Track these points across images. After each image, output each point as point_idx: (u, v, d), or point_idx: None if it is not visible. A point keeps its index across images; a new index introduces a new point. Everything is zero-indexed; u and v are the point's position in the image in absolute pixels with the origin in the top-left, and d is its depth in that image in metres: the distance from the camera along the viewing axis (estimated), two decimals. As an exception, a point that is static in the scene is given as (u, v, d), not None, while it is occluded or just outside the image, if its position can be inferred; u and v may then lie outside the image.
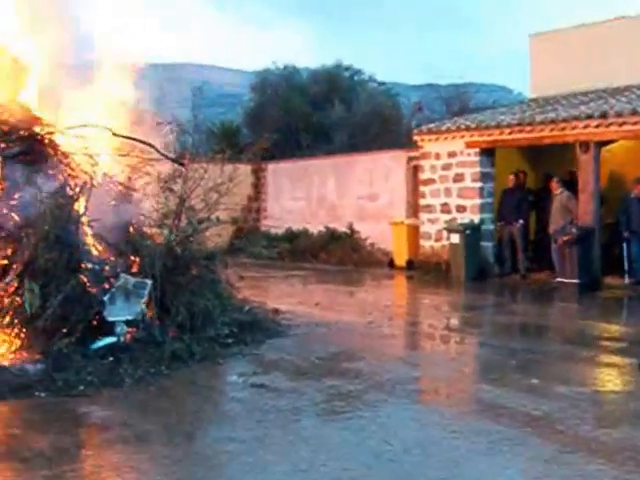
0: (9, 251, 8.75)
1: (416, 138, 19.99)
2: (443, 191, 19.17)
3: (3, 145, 9.22)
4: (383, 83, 33.74)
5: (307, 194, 24.71)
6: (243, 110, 32.43)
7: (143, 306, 9.24)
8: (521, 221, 17.89)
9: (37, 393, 7.62)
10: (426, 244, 19.61)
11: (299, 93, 30.41)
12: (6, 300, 8.58)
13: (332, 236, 23.15)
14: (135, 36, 11.12)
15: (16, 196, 9.12)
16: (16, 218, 8.90)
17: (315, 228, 23.74)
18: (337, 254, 22.20)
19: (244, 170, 22.26)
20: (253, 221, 25.90)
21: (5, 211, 8.98)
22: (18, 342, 8.53)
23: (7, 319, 8.54)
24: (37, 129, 9.91)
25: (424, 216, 19.72)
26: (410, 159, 21.13)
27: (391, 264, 20.68)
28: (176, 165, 10.76)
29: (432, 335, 11.61)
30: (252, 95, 32.58)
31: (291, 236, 24.09)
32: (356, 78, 32.96)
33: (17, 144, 9.43)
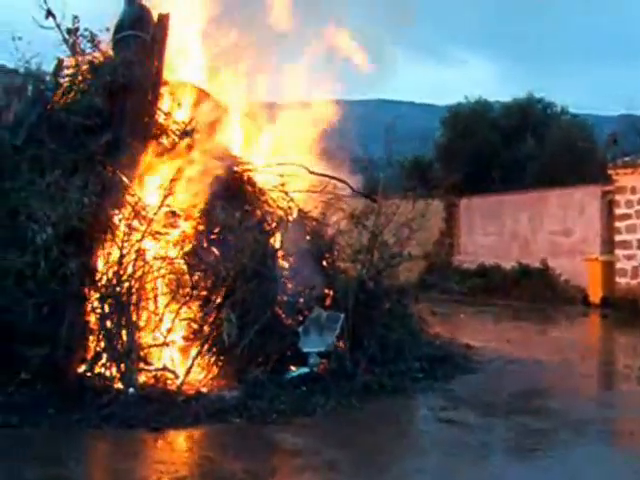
0: (209, 283, 9.18)
1: (611, 172, 19.40)
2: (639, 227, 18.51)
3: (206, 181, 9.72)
4: (576, 115, 32.85)
5: (499, 229, 24.41)
6: (434, 145, 32.46)
7: (335, 338, 9.46)
8: None
9: (232, 419, 7.93)
10: (622, 281, 18.92)
11: (490, 127, 30.13)
12: (206, 329, 9.00)
13: (524, 272, 22.67)
14: (329, 73, 11.46)
15: (216, 231, 9.61)
16: (216, 252, 9.36)
17: (507, 264, 23.35)
18: (529, 290, 21.71)
19: (436, 205, 22.28)
20: (445, 256, 25.79)
21: (206, 245, 9.47)
22: (215, 370, 8.95)
23: (206, 347, 8.95)
24: (235, 167, 10.39)
25: (620, 252, 19.06)
26: (605, 193, 20.50)
27: (585, 301, 20.04)
28: (369, 201, 10.98)
29: (628, 376, 11.16)
30: (443, 130, 32.57)
31: (483, 272, 23.80)
32: (548, 111, 32.28)
33: (217, 182, 9.89)
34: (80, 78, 10.65)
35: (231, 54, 11.17)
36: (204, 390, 8.58)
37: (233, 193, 9.99)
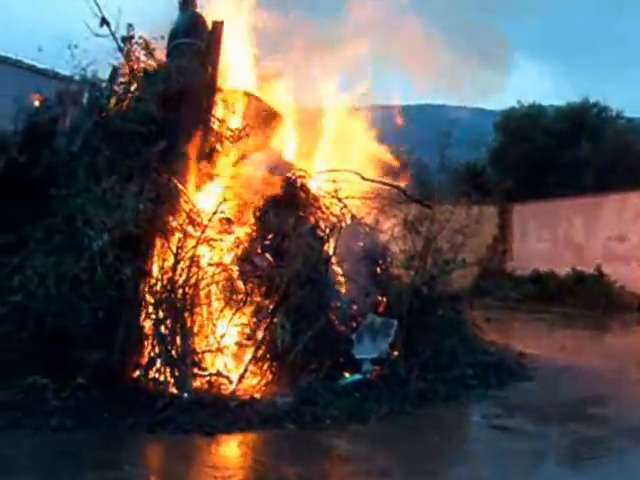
0: (263, 289, 9.22)
1: (666, 176, 19.12)
2: (697, 232, 18.21)
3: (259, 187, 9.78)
4: (632, 119, 32.43)
5: (553, 235, 24.18)
6: (487, 150, 32.27)
7: (389, 345, 9.44)
8: None
9: (285, 425, 7.92)
10: (678, 287, 18.60)
11: (544, 132, 29.86)
12: (259, 335, 9.04)
13: (579, 278, 22.41)
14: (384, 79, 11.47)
15: (269, 237, 9.65)
16: (270, 258, 9.40)
17: (561, 270, 23.08)
18: (584, 297, 21.44)
19: (489, 211, 22.15)
20: (498, 262, 25.60)
21: (259, 251, 9.51)
22: (269, 376, 8.96)
23: (259, 353, 8.98)
24: (289, 174, 10.43)
25: (676, 258, 18.75)
26: (662, 198, 20.22)
27: (640, 308, 19.78)
28: (423, 207, 10.94)
29: (687, 384, 10.95)
30: (496, 135, 32.36)
31: (536, 278, 23.56)
32: (603, 115, 31.91)
33: (270, 188, 9.94)
34: (135, 86, 10.76)
35: (284, 60, 11.22)
36: (257, 396, 8.60)
37: (286, 199, 10.02)
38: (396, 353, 9.55)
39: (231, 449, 7.55)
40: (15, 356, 8.45)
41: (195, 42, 10.83)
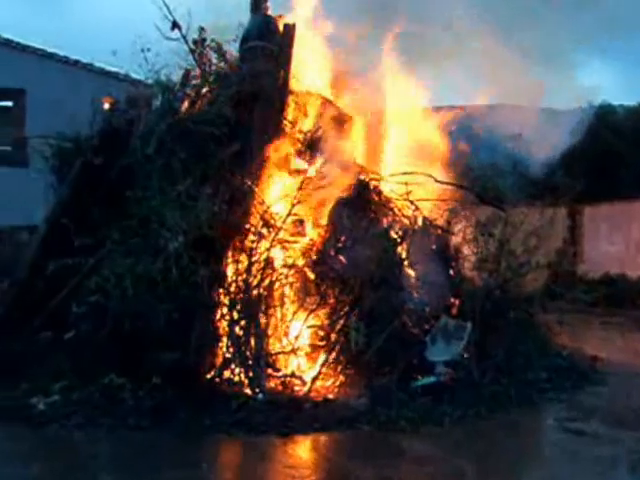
0: (337, 291, 9.26)
1: None
2: None
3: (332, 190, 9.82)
4: None
5: (625, 237, 23.76)
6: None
7: (462, 348, 9.38)
8: None
9: (360, 425, 7.96)
10: None
11: (615, 132, 29.39)
12: (333, 337, 9.09)
13: (652, 282, 22.00)
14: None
15: (342, 239, 9.68)
16: (343, 260, 9.43)
17: (634, 273, 22.67)
18: (656, 301, 21.04)
19: (560, 213, 21.85)
20: (569, 265, 25.24)
21: (333, 254, 9.55)
22: (342, 377, 9.00)
23: (333, 355, 9.03)
24: (362, 177, 10.44)
25: None
26: None
27: None
28: (495, 209, 10.85)
29: None
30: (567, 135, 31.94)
31: (608, 281, 23.16)
32: (677, 114, 31.28)
33: (343, 191, 9.98)
34: (207, 88, 10.89)
35: (355, 62, 11.24)
36: (331, 397, 8.67)
37: (359, 202, 10.05)
38: (469, 356, 9.48)
39: (307, 449, 7.62)
40: (93, 355, 8.63)
41: (267, 45, 10.90)
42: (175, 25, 11.06)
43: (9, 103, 24.00)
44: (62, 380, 8.58)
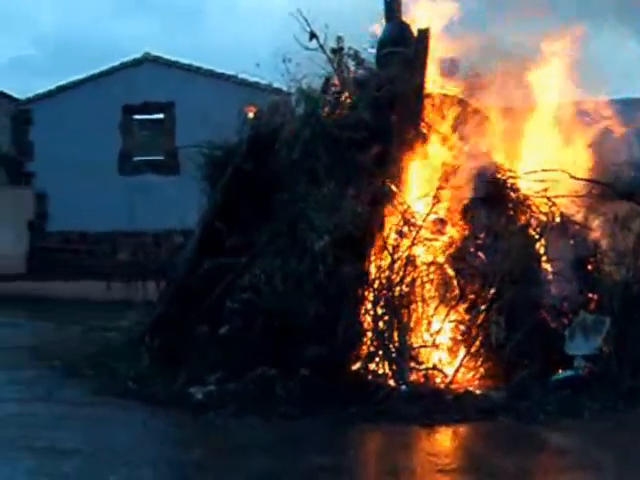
0: (476, 287, 9.48)
1: None
2: None
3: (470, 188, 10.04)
4: None
5: None
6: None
7: (601, 342, 9.44)
8: None
9: (500, 418, 8.16)
10: None
11: None
12: (473, 331, 9.29)
13: None
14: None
15: (481, 236, 9.91)
16: (482, 257, 9.68)
17: None
18: None
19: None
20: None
21: (472, 250, 9.79)
22: (482, 370, 9.19)
23: (473, 349, 9.23)
24: (498, 174, 10.60)
25: None
26: None
27: None
28: (635, 204, 10.76)
29: None
30: None
31: None
32: None
33: (481, 188, 10.16)
34: (346, 94, 11.30)
35: (491, 61, 11.31)
36: (471, 389, 8.88)
37: (497, 199, 10.21)
38: (608, 350, 9.51)
39: (448, 439, 7.87)
40: (245, 349, 9.19)
41: (403, 50, 11.18)
42: (313, 35, 11.55)
43: (160, 115, 25.25)
44: (217, 371, 9.19)
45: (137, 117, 25.78)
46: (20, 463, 6.76)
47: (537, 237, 10.03)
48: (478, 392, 8.83)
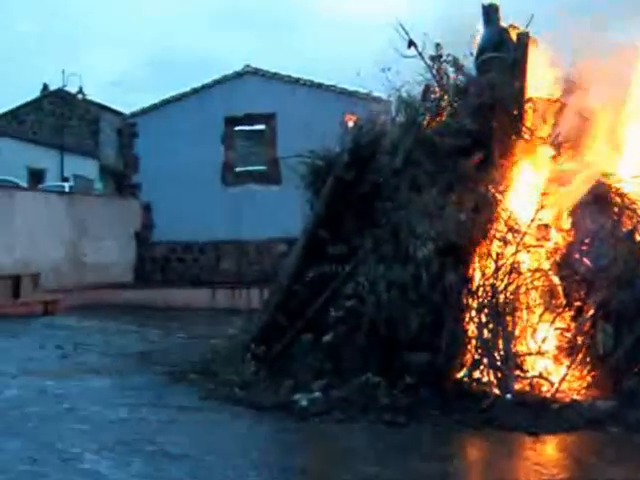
0: (582, 293, 9.32)
1: None
2: None
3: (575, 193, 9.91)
4: None
5: None
6: None
7: None
8: None
9: (608, 427, 7.98)
10: None
11: None
12: (579, 339, 9.12)
13: None
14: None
15: (586, 241, 9.75)
16: (588, 263, 9.52)
17: None
18: None
19: None
20: None
21: (577, 257, 9.65)
22: (589, 379, 9.01)
23: (580, 357, 9.05)
24: (603, 179, 10.41)
25: None
26: None
27: None
28: None
29: None
30: None
31: None
32: None
33: (586, 194, 10.01)
34: (446, 102, 11.29)
35: (595, 63, 11.11)
36: (578, 398, 8.73)
37: (601, 204, 10.04)
38: None
39: (554, 449, 7.73)
40: (350, 356, 9.28)
41: (502, 55, 11.13)
42: (411, 43, 11.59)
43: (262, 126, 25.69)
44: (322, 378, 9.30)
45: (238, 128, 26.31)
46: (132, 467, 6.94)
47: (645, 242, 9.79)
48: (585, 401, 8.67)
